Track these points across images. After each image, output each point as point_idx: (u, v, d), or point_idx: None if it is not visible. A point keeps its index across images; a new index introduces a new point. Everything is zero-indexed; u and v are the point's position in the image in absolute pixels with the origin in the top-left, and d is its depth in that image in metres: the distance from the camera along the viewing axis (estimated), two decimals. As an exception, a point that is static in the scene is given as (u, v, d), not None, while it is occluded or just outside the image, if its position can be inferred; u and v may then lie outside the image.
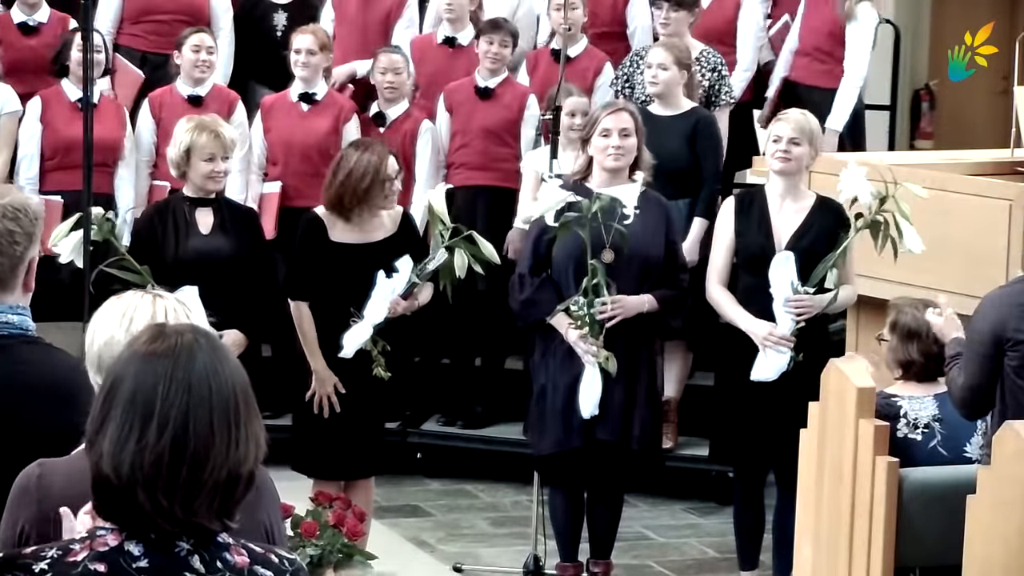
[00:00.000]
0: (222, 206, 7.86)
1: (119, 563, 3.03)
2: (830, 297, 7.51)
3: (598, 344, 7.53)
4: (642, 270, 7.63)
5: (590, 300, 7.50)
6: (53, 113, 9.57)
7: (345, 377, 7.74)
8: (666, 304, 7.64)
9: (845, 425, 6.34)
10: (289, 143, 9.57)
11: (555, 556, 8.16)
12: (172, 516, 3.01)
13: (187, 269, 7.49)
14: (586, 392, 7.56)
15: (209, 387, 3.02)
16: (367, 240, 7.76)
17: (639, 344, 7.68)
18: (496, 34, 9.57)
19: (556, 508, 8.01)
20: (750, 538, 8.00)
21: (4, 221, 4.14)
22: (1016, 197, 7.67)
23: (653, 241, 7.65)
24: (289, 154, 9.54)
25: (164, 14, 10.20)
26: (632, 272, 7.61)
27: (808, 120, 7.66)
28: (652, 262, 7.65)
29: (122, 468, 3.00)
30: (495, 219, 9.41)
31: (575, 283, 7.57)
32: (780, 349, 7.51)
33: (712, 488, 9.13)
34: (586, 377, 7.56)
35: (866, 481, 6.26)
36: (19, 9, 10.01)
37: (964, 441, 6.59)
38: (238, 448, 3.03)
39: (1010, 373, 6.18)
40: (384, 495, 9.41)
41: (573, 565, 8.01)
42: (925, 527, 6.20)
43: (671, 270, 7.71)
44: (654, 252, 7.65)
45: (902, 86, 12.58)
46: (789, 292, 7.50)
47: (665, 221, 7.72)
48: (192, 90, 9.67)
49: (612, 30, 10.21)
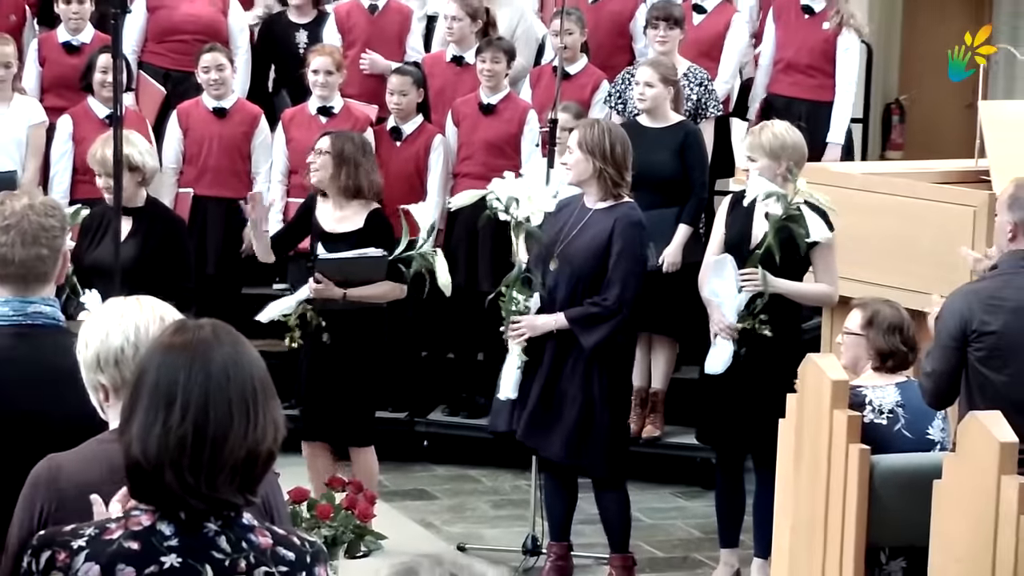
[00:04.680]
0: (145, 215, 7.78)
1: (151, 542, 3.04)
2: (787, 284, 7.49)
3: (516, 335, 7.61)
4: (573, 280, 7.58)
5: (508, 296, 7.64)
6: (83, 130, 9.55)
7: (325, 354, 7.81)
8: (576, 323, 7.50)
9: (820, 415, 6.35)
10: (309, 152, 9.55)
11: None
12: (198, 492, 3.02)
13: (91, 273, 7.31)
14: (504, 375, 7.66)
15: (227, 374, 3.04)
16: (337, 230, 7.94)
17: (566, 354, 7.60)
18: (488, 51, 9.59)
19: (546, 490, 8.02)
20: (730, 519, 7.99)
21: (44, 218, 4.16)
22: (980, 204, 7.68)
23: (589, 256, 7.55)
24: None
25: (185, 34, 10.23)
26: (565, 279, 7.59)
27: (762, 137, 7.63)
28: (581, 275, 7.56)
29: (150, 450, 3.02)
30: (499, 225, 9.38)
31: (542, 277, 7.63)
32: (725, 337, 7.52)
33: (697, 473, 9.14)
34: (506, 362, 7.67)
35: (840, 467, 6.26)
36: (64, 29, 10.03)
37: (926, 425, 6.61)
38: (256, 429, 3.05)
39: (975, 363, 6.19)
40: (392, 480, 9.44)
41: (559, 544, 7.97)
42: (894, 510, 6.19)
43: (595, 287, 7.55)
44: (586, 266, 7.55)
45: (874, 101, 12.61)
46: (732, 289, 7.51)
47: (609, 236, 7.52)
48: (216, 103, 9.70)
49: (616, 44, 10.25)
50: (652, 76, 8.86)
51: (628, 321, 7.63)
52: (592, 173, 7.54)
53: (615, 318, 7.51)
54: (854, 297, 7.25)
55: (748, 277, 7.50)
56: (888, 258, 7.91)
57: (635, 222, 7.62)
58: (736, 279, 7.53)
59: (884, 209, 8.10)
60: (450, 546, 8.41)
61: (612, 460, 7.67)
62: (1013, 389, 6.14)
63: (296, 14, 10.42)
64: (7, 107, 9.63)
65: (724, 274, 7.56)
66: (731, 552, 8.03)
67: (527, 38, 10.37)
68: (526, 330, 7.59)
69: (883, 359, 6.71)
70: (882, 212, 8.09)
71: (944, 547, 5.84)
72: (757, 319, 7.51)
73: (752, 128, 8.20)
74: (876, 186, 8.29)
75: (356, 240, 7.88)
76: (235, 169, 9.73)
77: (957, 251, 7.08)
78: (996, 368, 6.17)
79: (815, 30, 10.03)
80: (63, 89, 9.94)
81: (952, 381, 6.26)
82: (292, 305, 7.76)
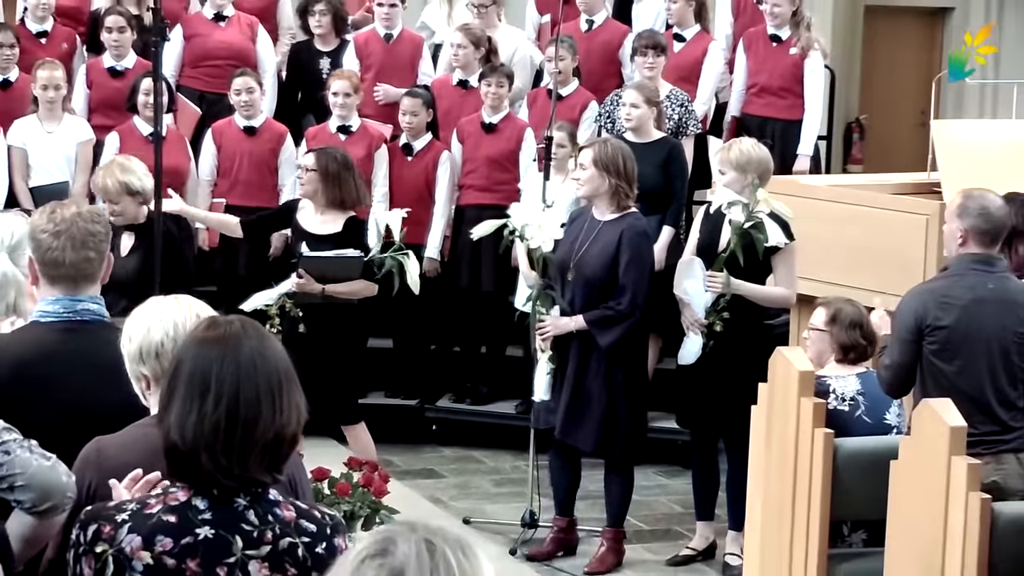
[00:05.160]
0: (146, 231, 7.54)
1: (187, 515, 3.04)
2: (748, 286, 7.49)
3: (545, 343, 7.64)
4: (588, 288, 7.60)
5: (534, 308, 7.66)
6: (128, 146, 9.52)
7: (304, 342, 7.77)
8: (594, 324, 7.53)
9: (789, 403, 6.34)
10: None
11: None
12: (230, 472, 3.02)
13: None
14: (536, 379, 7.69)
15: (255, 365, 3.04)
16: (319, 232, 7.95)
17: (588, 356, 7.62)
18: (492, 76, 9.61)
19: (552, 469, 8.04)
20: (706, 495, 8.00)
21: (91, 224, 4.17)
22: (932, 213, 7.68)
23: (600, 264, 7.57)
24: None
25: (218, 59, 10.24)
26: (582, 288, 7.60)
27: (730, 153, 7.64)
28: (596, 283, 7.58)
29: (187, 436, 3.02)
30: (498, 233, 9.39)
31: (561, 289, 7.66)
32: (695, 331, 7.55)
33: (678, 455, 9.13)
34: (537, 367, 7.69)
35: (806, 449, 6.26)
36: (109, 55, 10.04)
37: (884, 411, 6.61)
38: (282, 414, 3.05)
39: (929, 355, 6.18)
40: (404, 461, 9.46)
41: (563, 519, 7.99)
42: (855, 487, 6.19)
43: (609, 293, 7.57)
44: (599, 275, 7.57)
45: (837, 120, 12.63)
46: (700, 288, 7.53)
47: (617, 247, 7.54)
48: (247, 122, 9.70)
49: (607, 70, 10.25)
50: (637, 98, 8.88)
51: (640, 322, 7.65)
52: (606, 188, 7.56)
53: (628, 320, 7.55)
54: (819, 296, 7.25)
55: (712, 279, 7.53)
56: (850, 261, 7.91)
57: (641, 232, 7.67)
58: (704, 280, 7.56)
59: (846, 217, 8.11)
60: (456, 519, 8.41)
61: (632, 448, 7.73)
62: (962, 379, 6.14)
63: (321, 43, 10.42)
64: (58, 125, 9.65)
65: (694, 275, 7.59)
66: (707, 525, 8.05)
67: (525, 64, 10.37)
68: (551, 329, 7.62)
69: (845, 352, 6.72)
70: (844, 220, 8.10)
71: (900, 521, 5.84)
72: (719, 316, 7.53)
73: (723, 145, 8.23)
74: (839, 197, 8.30)
75: (335, 242, 7.91)
76: (263, 182, 9.73)
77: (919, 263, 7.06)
78: (947, 359, 6.17)
79: (783, 56, 10.05)
80: (108, 109, 9.94)
81: (908, 372, 6.25)
82: (274, 297, 7.79)
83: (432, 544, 2.20)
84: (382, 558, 2.18)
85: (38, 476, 3.65)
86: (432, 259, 9.67)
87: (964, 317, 6.15)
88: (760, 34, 10.13)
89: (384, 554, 2.19)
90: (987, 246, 6.24)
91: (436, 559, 2.18)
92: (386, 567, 2.17)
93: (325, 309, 7.86)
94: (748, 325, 7.57)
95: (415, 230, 9.50)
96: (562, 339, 7.65)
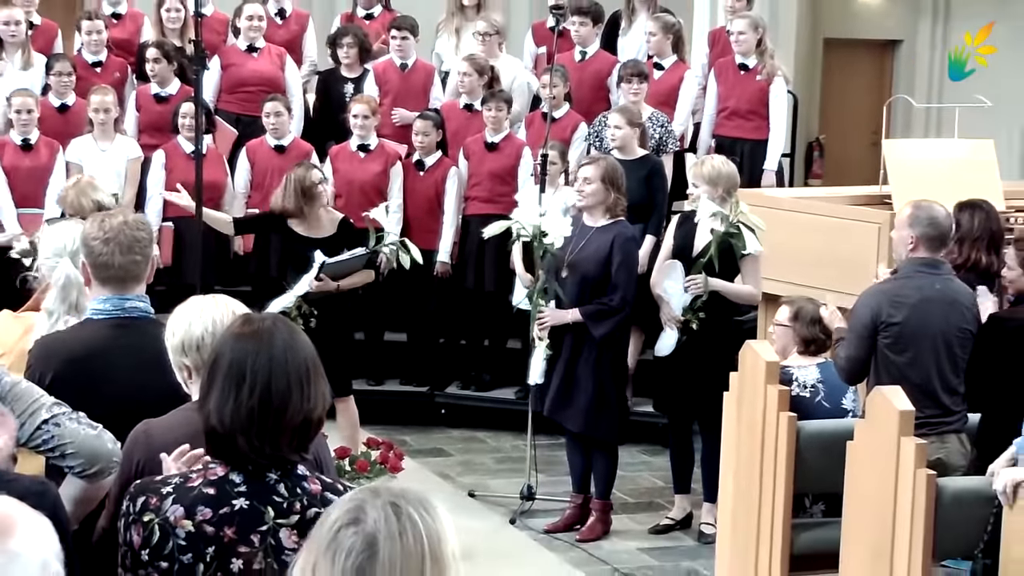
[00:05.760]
0: None
1: (224, 488, 3.03)
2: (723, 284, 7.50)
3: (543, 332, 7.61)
4: (582, 285, 7.59)
5: (535, 302, 7.64)
6: (172, 162, 9.56)
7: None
8: (588, 317, 7.53)
9: (757, 390, 6.33)
10: (350, 181, 9.55)
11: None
12: (263, 452, 3.02)
13: None
14: (532, 365, 7.65)
15: (285, 357, 3.03)
16: (313, 235, 7.94)
17: (579, 343, 7.61)
18: (493, 101, 9.58)
19: (568, 452, 8.05)
20: (682, 471, 8.00)
21: (136, 231, 4.17)
22: (883, 221, 7.66)
23: (595, 263, 7.57)
24: (350, 190, 9.50)
25: (252, 86, 10.23)
26: (576, 285, 7.59)
27: (703, 168, 7.65)
28: (589, 280, 7.57)
29: (225, 420, 3.01)
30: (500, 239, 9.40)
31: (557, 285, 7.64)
32: (671, 327, 7.56)
33: (659, 436, 9.12)
34: (534, 354, 7.66)
35: (772, 431, 6.25)
36: (155, 83, 10.04)
37: (841, 397, 6.61)
38: (309, 401, 3.03)
39: (882, 348, 6.17)
40: (416, 441, 9.44)
41: (580, 496, 7.98)
42: (816, 464, 6.18)
43: (603, 290, 7.57)
44: (592, 273, 7.57)
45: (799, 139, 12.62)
46: (679, 289, 7.54)
47: (610, 248, 7.56)
48: (277, 141, 9.70)
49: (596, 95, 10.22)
50: (621, 120, 8.86)
51: (628, 317, 7.67)
52: (609, 201, 7.58)
53: (619, 314, 7.57)
54: (783, 296, 7.24)
55: (692, 281, 7.52)
56: (811, 264, 7.89)
57: (630, 237, 7.71)
58: (683, 281, 7.55)
59: (807, 226, 8.09)
60: (463, 492, 8.40)
61: (617, 427, 7.72)
62: (911, 369, 6.13)
63: (346, 70, 10.41)
64: (111, 144, 9.64)
65: (674, 277, 7.60)
66: (684, 497, 8.05)
67: (523, 90, 10.34)
68: (550, 320, 7.60)
69: (806, 345, 6.71)
70: (806, 228, 8.08)
71: (855, 494, 5.84)
72: (696, 315, 7.53)
73: (696, 161, 8.22)
74: (801, 207, 8.28)
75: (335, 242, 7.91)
76: (292, 194, 9.71)
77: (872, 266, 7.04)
78: (898, 352, 6.15)
79: (751, 82, 10.03)
80: (154, 131, 9.94)
81: (863, 363, 6.24)
82: (292, 300, 7.78)
83: (397, 507, 2.20)
84: (355, 526, 2.18)
85: (86, 444, 3.70)
86: (443, 262, 9.66)
87: (914, 315, 6.15)
88: (729, 63, 10.12)
89: (356, 522, 2.18)
90: (934, 251, 6.24)
91: (403, 520, 2.18)
92: (360, 534, 2.17)
93: (331, 300, 7.86)
94: (720, 321, 7.59)
95: (427, 237, 9.52)
96: (557, 329, 7.64)
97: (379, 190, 9.46)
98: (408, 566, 2.14)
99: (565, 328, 7.61)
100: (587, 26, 10.20)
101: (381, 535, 2.15)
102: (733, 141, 10.03)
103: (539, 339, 7.67)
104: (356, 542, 2.15)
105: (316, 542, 2.20)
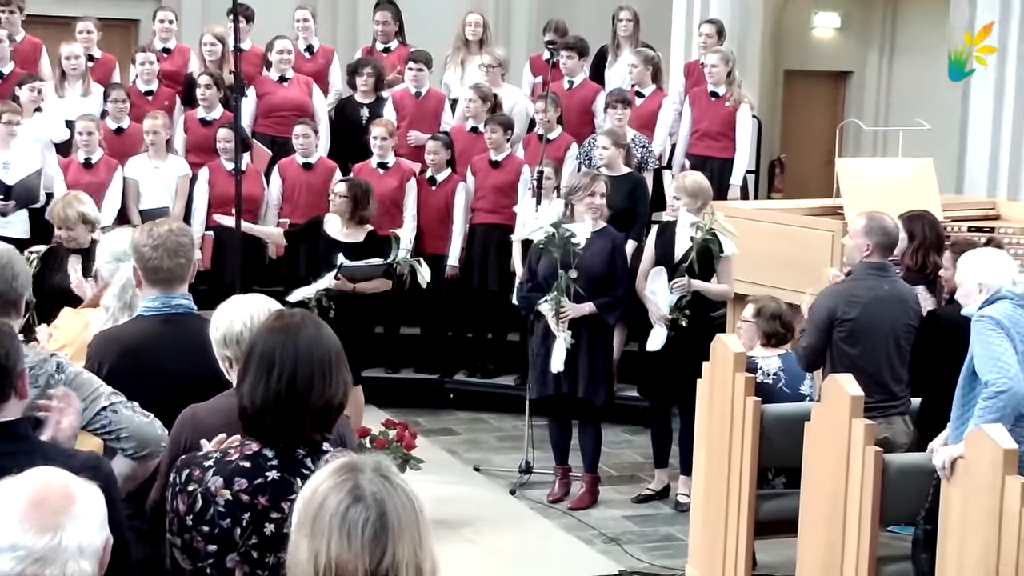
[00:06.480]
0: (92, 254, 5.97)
1: (258, 462, 3.02)
2: (703, 284, 7.51)
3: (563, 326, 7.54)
4: (591, 281, 7.57)
5: (556, 299, 7.52)
6: (214, 179, 9.55)
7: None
8: (602, 308, 7.57)
9: (726, 377, 6.32)
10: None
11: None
12: (288, 432, 3.01)
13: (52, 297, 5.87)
14: (555, 355, 7.58)
15: (310, 349, 3.02)
16: (343, 240, 7.93)
17: (594, 331, 7.63)
18: (490, 124, 9.56)
19: (551, 430, 8.00)
20: (661, 448, 8.00)
21: (181, 237, 4.17)
22: (836, 230, 7.65)
23: (600, 263, 7.58)
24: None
25: (284, 111, 10.20)
26: (585, 282, 7.57)
27: (685, 182, 7.66)
28: (597, 277, 7.58)
29: (255, 401, 3.00)
30: (502, 244, 9.41)
31: (548, 287, 7.58)
32: (661, 325, 7.56)
33: (641, 417, 9.10)
34: (556, 345, 7.58)
35: (740, 413, 6.24)
36: (202, 108, 10.03)
37: (800, 383, 6.60)
38: (331, 388, 3.02)
39: (838, 341, 6.16)
40: (428, 422, 9.42)
41: (562, 468, 7.98)
42: (778, 442, 6.17)
43: (610, 284, 7.62)
44: (600, 270, 7.58)
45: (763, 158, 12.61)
46: (665, 291, 7.54)
47: (611, 249, 7.64)
48: (305, 160, 9.68)
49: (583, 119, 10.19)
50: (607, 141, 8.85)
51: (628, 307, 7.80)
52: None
53: (624, 304, 7.70)
54: (749, 295, 7.23)
55: (678, 283, 7.52)
56: (772, 267, 7.88)
57: (623, 241, 7.94)
58: (667, 284, 7.55)
59: (769, 233, 8.08)
60: (469, 467, 8.38)
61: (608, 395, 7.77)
62: (862, 359, 6.12)
63: (362, 97, 10.39)
64: (163, 162, 9.61)
65: (660, 281, 7.61)
66: (663, 471, 8.05)
67: (521, 114, 10.33)
68: (571, 312, 7.55)
69: (768, 338, 6.70)
70: (768, 235, 8.07)
71: (812, 469, 5.82)
72: (683, 313, 7.51)
73: (677, 176, 8.23)
74: (764, 217, 8.28)
75: (361, 249, 7.88)
76: (318, 206, 9.67)
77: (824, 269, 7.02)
78: (851, 344, 6.14)
79: (720, 108, 10.00)
80: (199, 151, 9.91)
81: (820, 354, 6.23)
82: (313, 292, 7.75)
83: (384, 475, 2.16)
84: (360, 503, 2.11)
85: (139, 430, 3.71)
86: (452, 266, 9.66)
87: (865, 312, 6.14)
88: (703, 92, 10.10)
89: (360, 499, 2.12)
90: (884, 256, 6.25)
91: (393, 484, 2.15)
92: (371, 508, 2.11)
93: (349, 298, 7.83)
94: (697, 317, 7.60)
95: (437, 243, 9.53)
96: (574, 321, 7.58)
97: (396, 202, 9.46)
98: (409, 520, 2.12)
99: (582, 320, 7.57)
100: (574, 59, 10.18)
101: (386, 502, 2.12)
102: (704, 159, 10.01)
103: (560, 331, 7.60)
104: (369, 515, 2.11)
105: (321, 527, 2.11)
